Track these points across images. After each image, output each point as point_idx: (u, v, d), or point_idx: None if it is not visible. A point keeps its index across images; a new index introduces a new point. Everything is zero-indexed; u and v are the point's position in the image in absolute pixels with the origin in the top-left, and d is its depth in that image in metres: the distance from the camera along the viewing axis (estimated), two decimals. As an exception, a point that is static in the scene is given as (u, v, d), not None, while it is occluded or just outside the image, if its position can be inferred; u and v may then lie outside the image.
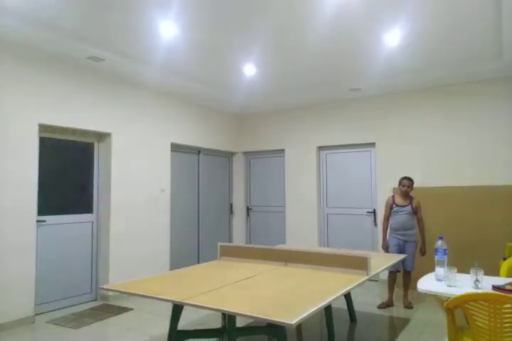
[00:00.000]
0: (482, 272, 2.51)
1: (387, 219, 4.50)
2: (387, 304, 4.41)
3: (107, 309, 4.34)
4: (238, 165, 7.09)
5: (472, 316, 2.07)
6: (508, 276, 3.02)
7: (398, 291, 4.88)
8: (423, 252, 4.41)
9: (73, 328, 3.73)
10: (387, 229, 4.50)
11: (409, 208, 4.37)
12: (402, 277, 4.47)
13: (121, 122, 4.89)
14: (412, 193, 4.66)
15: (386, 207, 4.52)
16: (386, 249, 4.46)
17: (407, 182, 4.39)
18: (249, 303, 2.19)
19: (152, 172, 5.30)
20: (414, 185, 5.28)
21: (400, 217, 4.38)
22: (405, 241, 4.37)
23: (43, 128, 4.15)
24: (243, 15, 3.34)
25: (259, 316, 1.96)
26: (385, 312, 4.20)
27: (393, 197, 4.51)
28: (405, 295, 4.42)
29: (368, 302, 4.59)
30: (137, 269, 4.98)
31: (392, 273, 4.48)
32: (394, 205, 4.45)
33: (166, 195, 5.50)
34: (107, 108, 4.73)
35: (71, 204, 4.51)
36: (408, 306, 4.32)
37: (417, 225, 4.44)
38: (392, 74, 4.95)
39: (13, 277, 3.74)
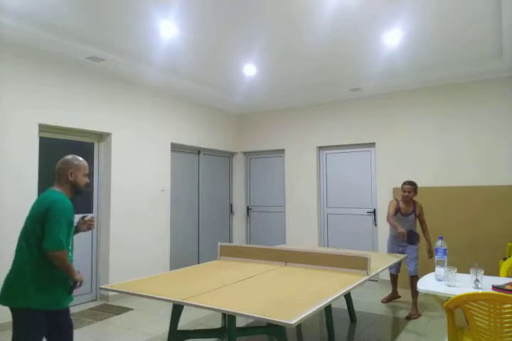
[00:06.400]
0: (482, 272, 2.51)
1: (392, 216, 4.12)
2: (389, 298, 4.51)
3: (107, 309, 4.34)
4: (238, 165, 7.09)
5: (472, 316, 2.07)
6: (508, 276, 3.03)
7: (405, 293, 4.82)
8: (431, 255, 4.19)
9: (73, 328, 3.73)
10: (395, 222, 4.05)
11: (412, 217, 4.18)
12: (409, 283, 4.17)
13: (121, 122, 4.89)
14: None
15: (390, 207, 4.19)
16: (408, 233, 4.02)
17: (407, 188, 4.12)
18: (249, 303, 2.19)
19: (152, 172, 5.30)
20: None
21: (404, 226, 4.12)
22: (407, 246, 4.17)
23: (43, 128, 4.15)
24: (243, 16, 3.34)
25: (259, 316, 1.96)
26: (385, 313, 4.20)
27: (397, 201, 4.22)
28: (413, 303, 4.06)
29: (368, 302, 4.59)
30: (137, 269, 4.97)
31: (393, 275, 4.48)
32: (398, 213, 4.19)
33: (166, 195, 5.50)
34: (107, 108, 4.73)
35: (71, 204, 4.50)
36: (409, 317, 3.96)
37: (421, 228, 4.28)
38: (392, 74, 4.95)
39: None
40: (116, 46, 4.02)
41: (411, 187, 4.15)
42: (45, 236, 2.06)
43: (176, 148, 5.83)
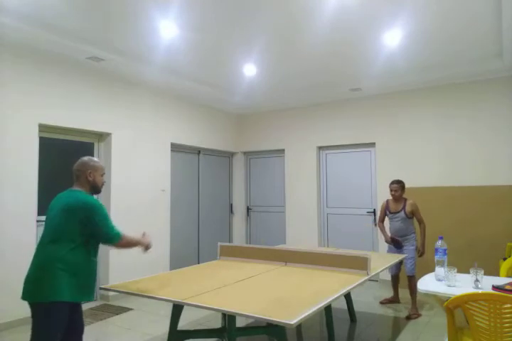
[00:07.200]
0: (482, 272, 2.51)
1: (381, 221, 4.46)
2: (390, 300, 4.48)
3: (107, 309, 4.34)
4: (238, 165, 7.09)
5: (472, 316, 2.07)
6: (508, 276, 3.02)
7: (405, 292, 4.78)
8: (420, 253, 4.23)
9: (73, 328, 3.73)
10: (383, 227, 4.41)
11: (402, 214, 4.21)
12: (407, 283, 4.21)
13: (121, 122, 4.88)
14: (405, 195, 4.37)
15: (380, 211, 4.47)
16: (392, 240, 4.25)
17: (393, 187, 4.24)
18: (249, 303, 2.19)
19: (152, 173, 5.30)
20: (416, 185, 5.28)
21: (395, 224, 4.27)
22: (403, 246, 4.23)
23: (43, 128, 4.15)
24: (243, 16, 3.34)
25: (259, 316, 1.96)
26: (385, 313, 4.20)
27: (387, 201, 4.40)
28: (412, 303, 4.09)
29: (368, 302, 4.59)
30: (137, 269, 4.97)
31: (393, 276, 4.46)
32: (387, 212, 4.35)
33: (166, 195, 5.50)
34: (107, 108, 4.73)
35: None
36: (409, 317, 3.97)
37: (419, 227, 4.25)
38: (392, 74, 4.95)
39: (14, 277, 3.74)
40: (116, 46, 4.02)
41: (398, 185, 4.23)
42: (100, 235, 2.30)
43: (175, 148, 5.83)
